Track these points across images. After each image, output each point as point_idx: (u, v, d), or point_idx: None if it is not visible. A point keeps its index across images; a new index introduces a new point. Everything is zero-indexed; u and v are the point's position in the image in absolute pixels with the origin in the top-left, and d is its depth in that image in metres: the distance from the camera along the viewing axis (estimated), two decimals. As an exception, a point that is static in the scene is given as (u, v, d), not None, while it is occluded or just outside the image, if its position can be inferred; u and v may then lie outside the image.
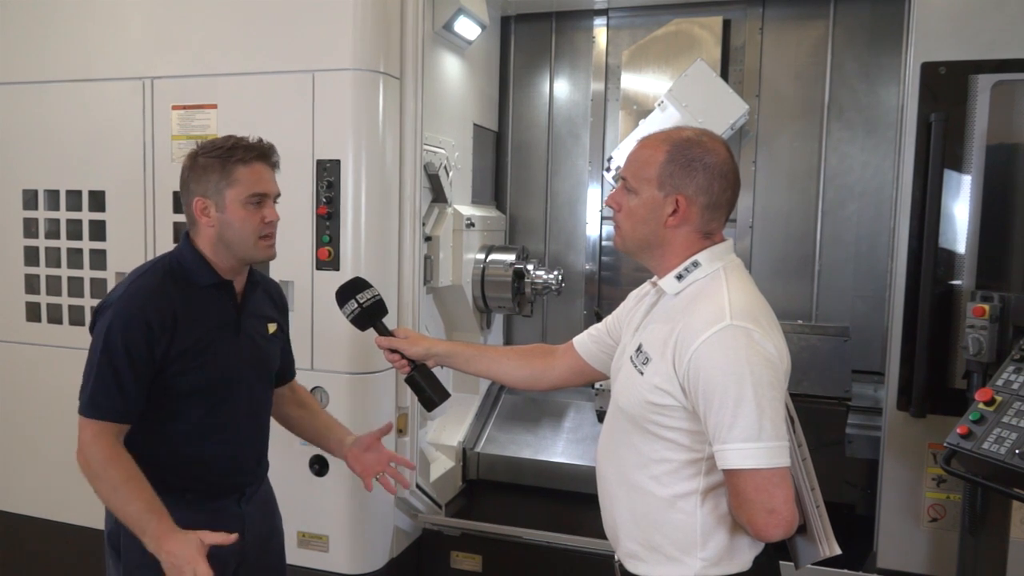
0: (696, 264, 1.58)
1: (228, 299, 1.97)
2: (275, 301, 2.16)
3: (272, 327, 2.10)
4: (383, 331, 2.06)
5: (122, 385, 1.80)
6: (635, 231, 1.63)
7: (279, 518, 2.21)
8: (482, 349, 2.11)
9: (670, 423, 1.54)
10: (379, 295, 2.08)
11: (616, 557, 1.74)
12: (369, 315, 2.05)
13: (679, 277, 1.59)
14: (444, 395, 2.03)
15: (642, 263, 1.69)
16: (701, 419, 1.49)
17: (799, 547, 1.68)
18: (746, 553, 1.58)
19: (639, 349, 1.60)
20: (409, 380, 2.04)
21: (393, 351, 2.03)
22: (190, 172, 1.91)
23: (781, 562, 1.71)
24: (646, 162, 1.60)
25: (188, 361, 1.86)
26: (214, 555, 1.94)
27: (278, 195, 1.98)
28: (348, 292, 2.06)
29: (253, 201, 1.89)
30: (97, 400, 1.80)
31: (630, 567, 1.67)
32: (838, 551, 1.62)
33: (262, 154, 1.92)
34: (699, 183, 1.56)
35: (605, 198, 3.92)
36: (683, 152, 1.57)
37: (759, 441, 1.42)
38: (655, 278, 1.67)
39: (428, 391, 2.02)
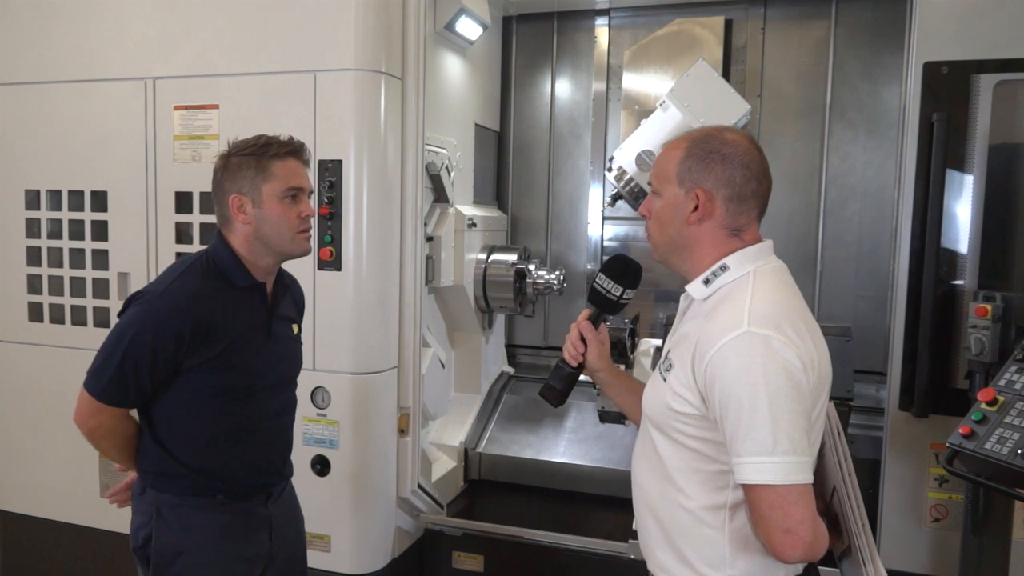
0: (724, 268, 1.52)
1: (260, 301, 1.98)
2: (297, 303, 2.18)
3: (295, 328, 2.13)
4: (597, 320, 1.92)
5: (139, 382, 1.83)
6: (662, 233, 1.59)
7: (302, 521, 2.22)
8: (634, 386, 1.91)
9: (693, 432, 1.49)
10: (630, 299, 1.92)
11: (648, 569, 1.67)
12: (612, 307, 1.90)
13: (706, 282, 1.54)
14: (562, 402, 1.93)
15: (675, 271, 1.63)
16: (720, 429, 1.43)
17: (844, 571, 1.61)
18: (780, 574, 1.50)
19: (666, 356, 1.58)
20: (567, 371, 1.90)
21: (583, 340, 1.88)
22: (223, 172, 1.92)
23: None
24: (666, 162, 1.57)
25: (221, 362, 1.87)
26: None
27: (312, 191, 2.00)
28: (624, 276, 1.87)
29: (290, 195, 1.91)
30: (111, 391, 1.84)
31: None
32: (884, 574, 1.52)
33: (295, 150, 1.95)
34: (718, 175, 1.51)
35: (606, 197, 3.92)
36: (700, 146, 1.54)
37: (772, 455, 1.35)
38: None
39: (564, 390, 1.90)
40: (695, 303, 1.59)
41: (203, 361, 1.85)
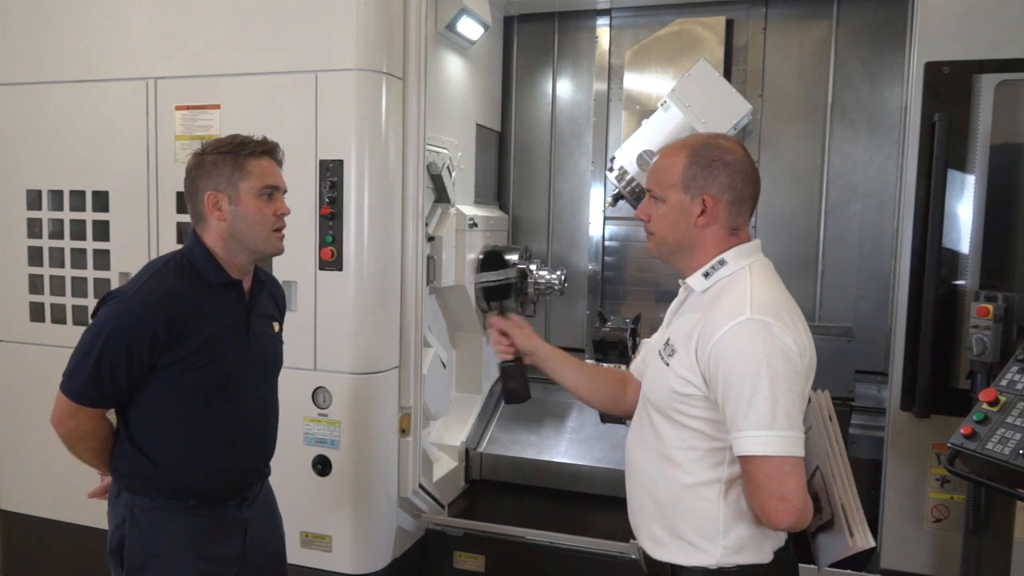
0: (723, 262, 1.64)
1: (238, 299, 1.98)
2: (277, 302, 2.17)
3: (276, 326, 2.12)
4: (503, 312, 2.04)
5: (116, 381, 1.83)
6: (667, 236, 1.69)
7: (279, 519, 2.21)
8: (576, 364, 2.06)
9: (693, 412, 1.59)
10: (517, 279, 2.04)
11: (638, 544, 1.77)
12: (502, 292, 2.04)
13: (706, 275, 1.65)
14: (528, 395, 2.02)
15: (673, 267, 1.74)
16: (720, 408, 1.54)
17: (821, 545, 1.70)
18: (768, 545, 1.63)
19: (667, 343, 1.68)
20: (506, 367, 2.02)
21: (503, 334, 2.03)
22: (198, 170, 1.92)
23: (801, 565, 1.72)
24: (668, 170, 1.67)
25: (196, 359, 1.86)
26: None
27: (286, 190, 2.00)
28: (496, 264, 2.01)
29: (266, 193, 1.91)
30: (87, 391, 1.83)
31: (653, 552, 1.70)
32: (872, 543, 1.64)
33: (270, 150, 1.96)
34: (722, 181, 1.63)
35: (607, 197, 3.92)
36: (702, 155, 1.65)
37: (772, 429, 1.47)
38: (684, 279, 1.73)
39: (519, 384, 2.00)
40: (694, 295, 1.71)
41: (177, 359, 1.84)
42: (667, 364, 1.64)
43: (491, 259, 2.03)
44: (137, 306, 1.82)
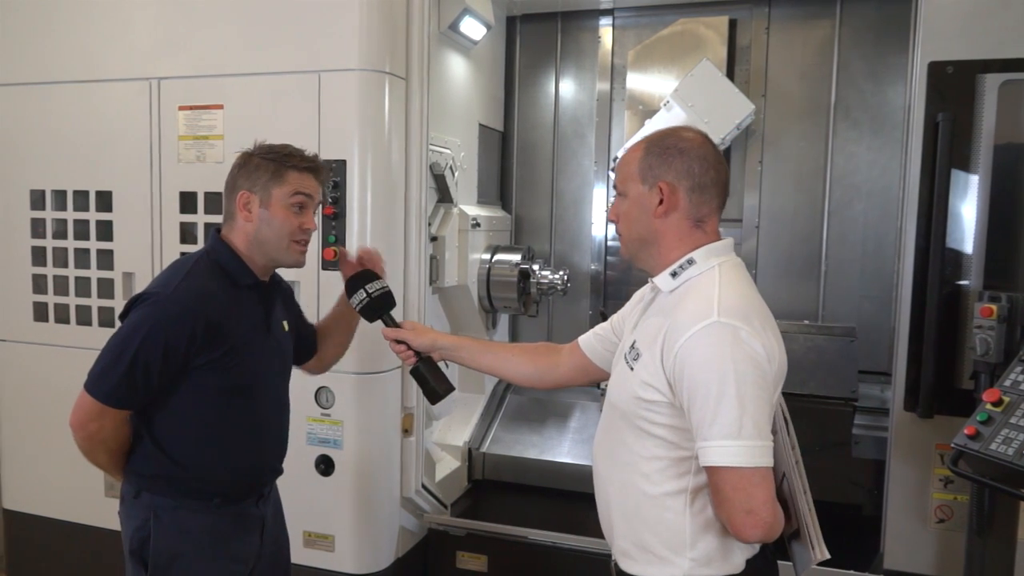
0: (691, 262, 1.58)
1: (260, 299, 2.00)
2: (285, 298, 2.19)
3: (286, 325, 2.14)
4: (390, 323, 2.08)
5: (148, 381, 1.82)
6: (630, 231, 1.66)
7: (283, 515, 2.23)
8: (488, 345, 2.11)
9: (658, 419, 1.54)
10: (388, 287, 2.10)
11: (612, 556, 1.74)
12: (377, 306, 2.06)
13: (674, 275, 1.60)
14: (448, 388, 2.05)
15: (642, 266, 1.69)
16: (686, 416, 1.49)
17: (796, 553, 1.67)
18: (738, 555, 1.57)
19: (632, 346, 1.62)
20: (414, 372, 2.06)
21: (399, 342, 2.05)
22: (241, 168, 1.94)
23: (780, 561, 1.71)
24: (628, 164, 1.65)
25: (226, 361, 1.88)
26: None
27: (320, 203, 2.02)
28: (357, 282, 2.07)
29: (296, 204, 1.92)
30: (119, 392, 1.82)
31: (623, 566, 1.67)
32: (827, 555, 1.61)
33: (315, 167, 1.98)
34: (678, 168, 1.59)
35: (610, 197, 3.92)
36: (657, 144, 1.62)
37: (739, 439, 1.41)
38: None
39: (432, 383, 2.03)
40: (661, 295, 1.64)
41: (210, 360, 1.85)
42: (632, 369, 1.58)
43: (354, 281, 2.06)
44: (175, 306, 1.82)
